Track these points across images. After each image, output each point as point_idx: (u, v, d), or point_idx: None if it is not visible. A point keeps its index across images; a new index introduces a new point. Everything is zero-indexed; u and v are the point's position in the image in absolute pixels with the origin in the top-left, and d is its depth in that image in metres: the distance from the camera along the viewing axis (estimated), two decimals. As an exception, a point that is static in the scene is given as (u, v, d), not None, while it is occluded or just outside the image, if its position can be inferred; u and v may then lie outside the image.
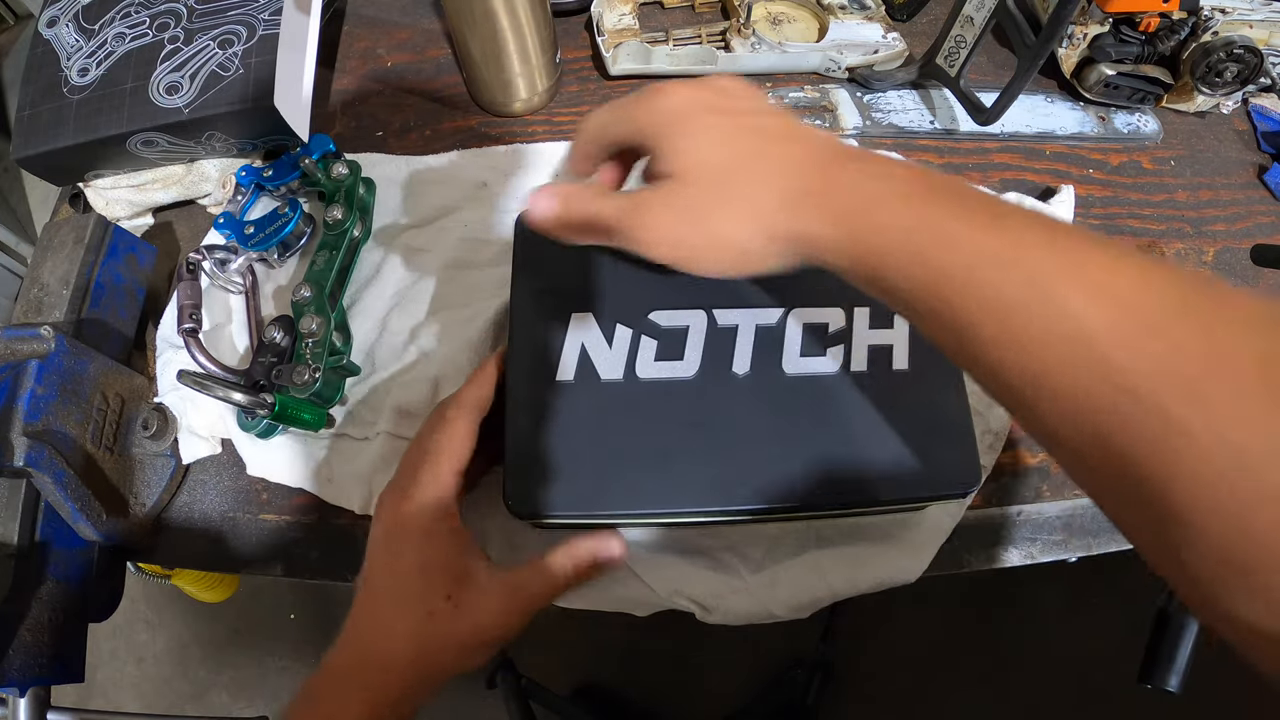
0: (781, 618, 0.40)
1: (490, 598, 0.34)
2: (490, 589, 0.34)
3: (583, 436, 0.36)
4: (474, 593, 0.33)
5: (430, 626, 0.32)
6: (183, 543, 0.45)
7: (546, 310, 0.38)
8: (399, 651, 0.32)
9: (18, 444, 0.37)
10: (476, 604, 0.33)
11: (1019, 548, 0.44)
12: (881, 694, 1.17)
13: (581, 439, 0.35)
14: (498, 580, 0.34)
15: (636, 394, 0.36)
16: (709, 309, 0.38)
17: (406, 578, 0.33)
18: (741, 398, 0.36)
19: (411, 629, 0.32)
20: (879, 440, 0.35)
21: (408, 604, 0.33)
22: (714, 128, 0.29)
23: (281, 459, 0.44)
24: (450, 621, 0.33)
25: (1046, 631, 1.20)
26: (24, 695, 0.39)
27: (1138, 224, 0.53)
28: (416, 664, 0.32)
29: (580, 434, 0.36)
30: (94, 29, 0.52)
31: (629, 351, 0.37)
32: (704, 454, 0.35)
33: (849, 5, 0.61)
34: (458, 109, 0.58)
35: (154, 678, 1.24)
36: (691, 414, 0.36)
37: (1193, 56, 0.53)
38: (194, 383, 0.38)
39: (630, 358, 0.37)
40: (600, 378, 0.37)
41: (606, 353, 0.37)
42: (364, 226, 0.50)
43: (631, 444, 0.35)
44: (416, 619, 0.33)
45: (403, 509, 0.34)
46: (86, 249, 0.46)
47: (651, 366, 0.37)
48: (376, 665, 0.32)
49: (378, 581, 0.34)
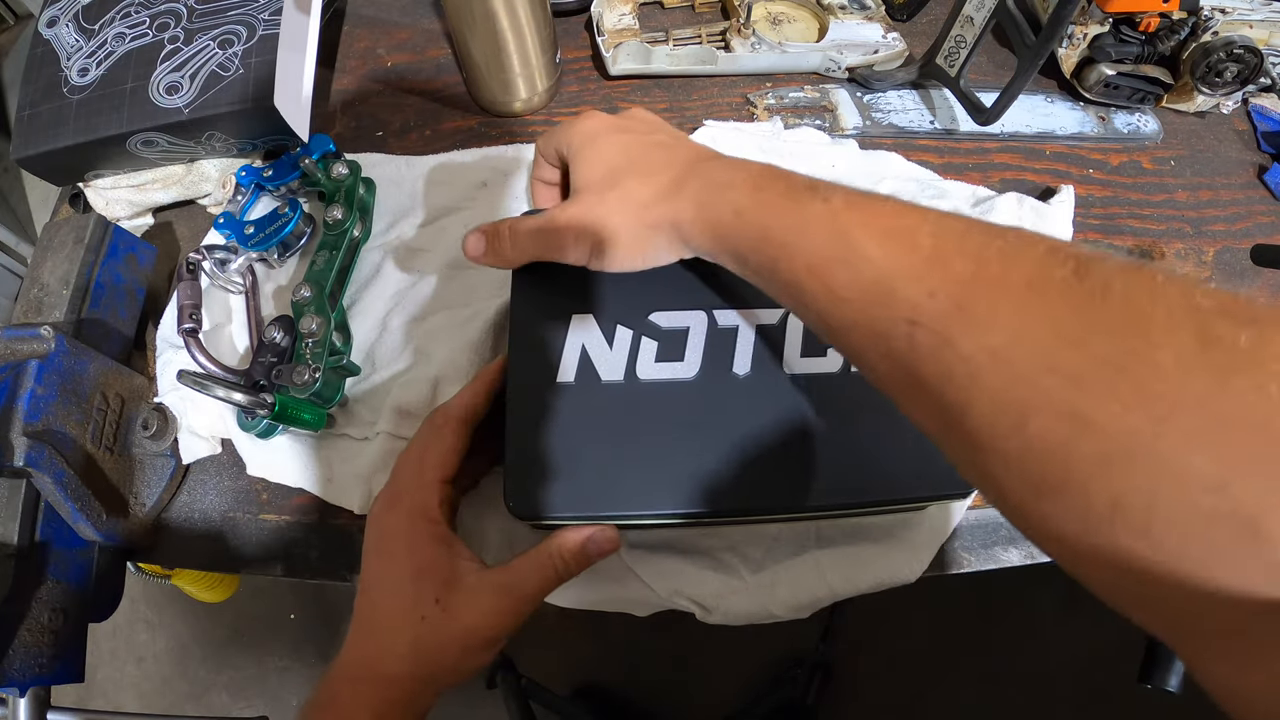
0: (781, 618, 0.40)
1: (480, 599, 0.34)
2: (480, 590, 0.34)
3: (583, 437, 0.36)
4: (463, 595, 0.34)
5: (425, 631, 0.33)
6: (183, 543, 0.45)
7: (547, 311, 0.38)
8: (402, 658, 0.33)
9: (18, 444, 0.37)
10: (466, 606, 0.34)
11: (1019, 548, 0.44)
12: (881, 694, 1.17)
13: (582, 440, 0.35)
14: (487, 581, 0.35)
15: (637, 395, 0.36)
16: (709, 310, 0.38)
17: (399, 584, 0.34)
18: (743, 398, 0.36)
19: (409, 636, 0.33)
20: (879, 440, 0.35)
21: (401, 611, 0.34)
22: (614, 144, 0.34)
23: (281, 459, 0.44)
24: (442, 625, 0.33)
25: (1046, 631, 1.20)
26: (24, 695, 0.39)
27: (1138, 224, 0.53)
28: (416, 669, 0.33)
29: (581, 435, 0.36)
30: (94, 29, 0.52)
31: (629, 353, 0.37)
32: (705, 455, 0.35)
33: (849, 5, 0.61)
34: (458, 109, 0.58)
35: (154, 678, 1.24)
36: (693, 415, 0.36)
37: (1193, 56, 0.53)
38: (194, 383, 0.38)
39: (631, 359, 0.37)
40: (601, 379, 0.37)
41: (607, 354, 0.37)
42: (364, 226, 0.50)
43: (632, 445, 0.35)
44: (411, 624, 0.33)
45: (389, 517, 0.35)
46: (86, 249, 0.46)
47: (652, 368, 0.37)
48: (382, 673, 0.33)
49: (373, 589, 0.35)
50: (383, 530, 0.35)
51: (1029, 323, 0.20)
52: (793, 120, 0.56)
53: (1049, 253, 0.21)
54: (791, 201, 0.28)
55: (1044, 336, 0.20)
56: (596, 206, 0.33)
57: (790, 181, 0.29)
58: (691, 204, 0.31)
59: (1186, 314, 0.18)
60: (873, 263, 0.24)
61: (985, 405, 0.20)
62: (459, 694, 1.10)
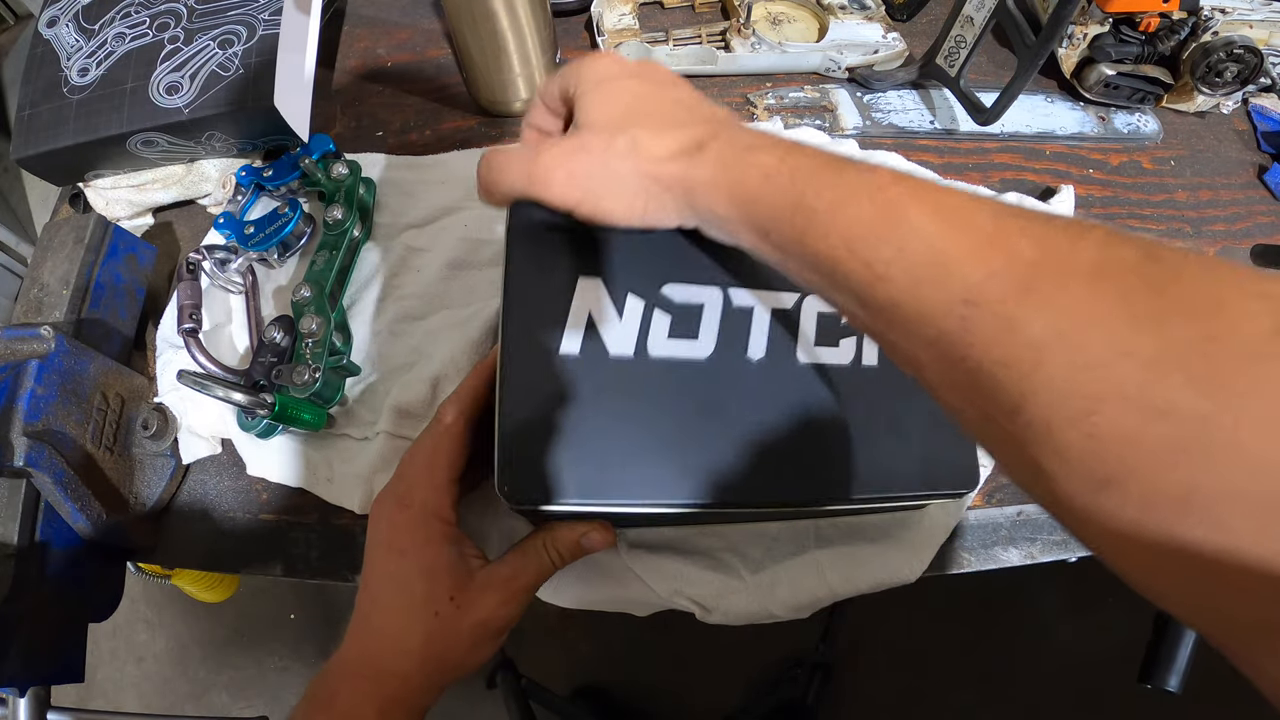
0: (781, 618, 0.40)
1: (489, 592, 0.34)
2: (488, 584, 0.35)
3: (588, 418, 0.32)
4: (475, 591, 0.34)
5: (437, 627, 0.33)
6: (183, 543, 0.45)
7: (549, 271, 0.34)
8: (410, 654, 0.33)
9: (18, 444, 0.37)
10: (478, 601, 0.34)
11: (1019, 548, 0.44)
12: (881, 694, 1.17)
13: (587, 420, 0.32)
14: (493, 575, 0.35)
15: (647, 373, 0.33)
16: (725, 287, 0.35)
17: (410, 583, 0.34)
18: (756, 384, 0.34)
19: (420, 632, 0.33)
20: (883, 437, 0.35)
21: (414, 608, 0.34)
22: (630, 89, 0.31)
23: (281, 459, 0.44)
24: (456, 621, 0.33)
25: (1046, 631, 1.20)
26: (24, 695, 0.39)
27: (1138, 224, 0.53)
28: (426, 666, 0.33)
29: (585, 415, 0.32)
30: (94, 29, 0.52)
31: (640, 326, 0.33)
32: (718, 443, 0.33)
33: (849, 5, 0.61)
34: (458, 109, 0.58)
35: (154, 678, 1.24)
36: (706, 398, 0.33)
37: (1193, 56, 0.53)
38: (194, 383, 0.38)
39: (642, 333, 0.33)
40: (609, 352, 0.33)
41: (616, 325, 0.33)
42: (364, 226, 0.50)
43: (641, 428, 0.32)
44: (424, 622, 0.33)
45: (401, 516, 0.35)
46: (86, 249, 0.46)
47: (665, 344, 0.33)
48: (387, 669, 0.33)
49: (380, 588, 0.35)
50: (393, 528, 0.35)
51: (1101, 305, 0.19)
52: (793, 120, 0.56)
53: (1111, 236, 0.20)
54: (830, 170, 0.25)
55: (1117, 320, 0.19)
56: (600, 148, 0.30)
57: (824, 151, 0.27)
58: (712, 165, 0.28)
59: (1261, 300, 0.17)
60: (925, 238, 0.22)
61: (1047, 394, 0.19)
62: (459, 694, 1.10)
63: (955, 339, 0.21)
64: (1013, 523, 0.44)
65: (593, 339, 0.33)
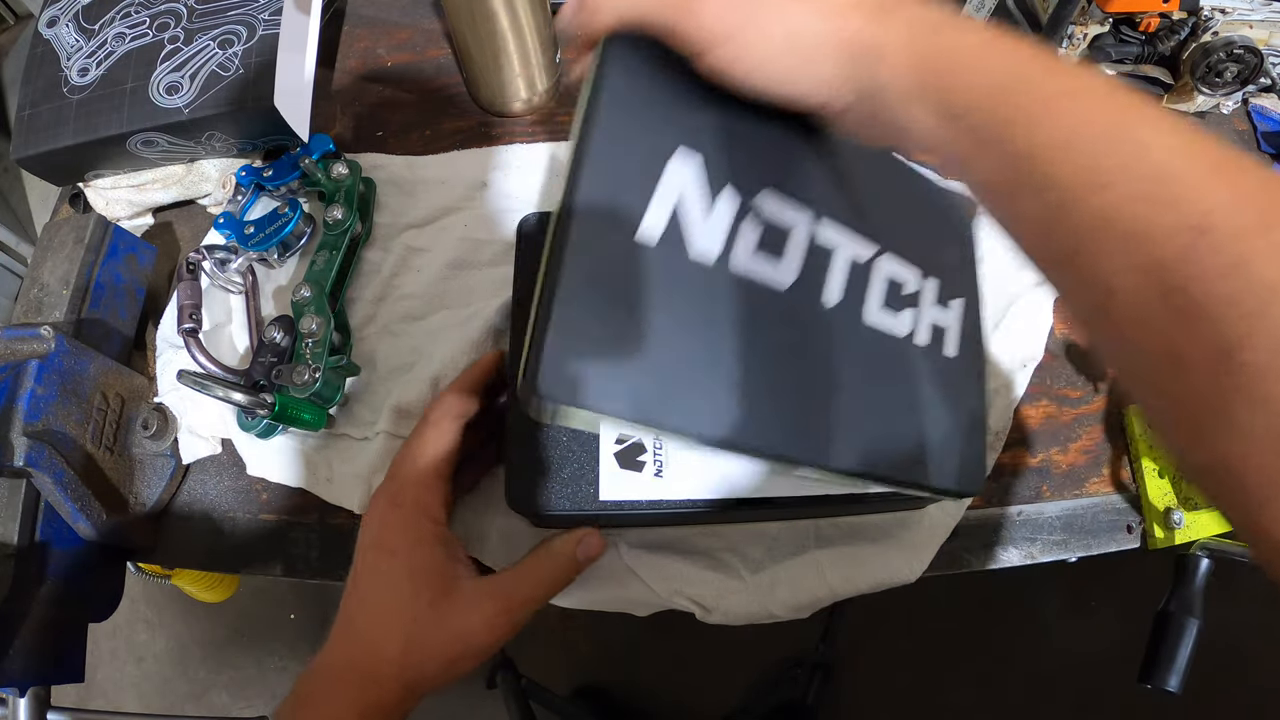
0: (781, 618, 0.40)
1: (475, 606, 0.34)
2: (475, 597, 0.34)
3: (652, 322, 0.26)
4: (458, 600, 0.33)
5: (414, 631, 0.33)
6: (183, 543, 0.45)
7: (643, 135, 0.27)
8: (387, 660, 0.32)
9: (18, 444, 0.37)
10: (460, 611, 0.33)
11: (1019, 548, 0.44)
12: (881, 694, 1.17)
13: (651, 325, 0.26)
14: (483, 588, 0.34)
15: (723, 288, 0.28)
16: (818, 215, 0.30)
17: (395, 581, 0.34)
18: (827, 333, 0.30)
19: (398, 637, 0.33)
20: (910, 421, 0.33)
21: (395, 609, 0.33)
22: None
23: (281, 459, 0.44)
24: (434, 628, 0.33)
25: (1046, 631, 1.20)
26: (24, 695, 0.39)
27: (1138, 224, 0.53)
28: (402, 672, 0.32)
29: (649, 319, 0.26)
30: (94, 29, 0.52)
31: (729, 229, 0.28)
32: (787, 389, 0.29)
33: (849, 5, 0.61)
34: (458, 109, 0.58)
35: (154, 678, 1.24)
36: (781, 337, 0.29)
37: (1193, 56, 0.53)
38: (194, 383, 0.38)
39: (730, 238, 0.28)
40: (689, 252, 0.27)
41: (705, 218, 0.27)
42: (364, 226, 0.50)
43: (707, 352, 0.27)
44: (402, 625, 0.33)
45: (392, 514, 0.35)
46: (86, 249, 0.46)
47: (750, 259, 0.28)
48: (366, 671, 0.33)
49: (366, 587, 0.34)
50: (385, 527, 0.35)
51: None
52: (793, 120, 0.56)
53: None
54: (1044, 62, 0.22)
55: None
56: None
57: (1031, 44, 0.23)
58: (905, 28, 0.24)
59: None
60: (1155, 152, 0.20)
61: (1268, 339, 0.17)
62: (459, 694, 1.10)
63: (1171, 269, 0.19)
64: (1013, 523, 0.44)
65: (673, 230, 0.27)
